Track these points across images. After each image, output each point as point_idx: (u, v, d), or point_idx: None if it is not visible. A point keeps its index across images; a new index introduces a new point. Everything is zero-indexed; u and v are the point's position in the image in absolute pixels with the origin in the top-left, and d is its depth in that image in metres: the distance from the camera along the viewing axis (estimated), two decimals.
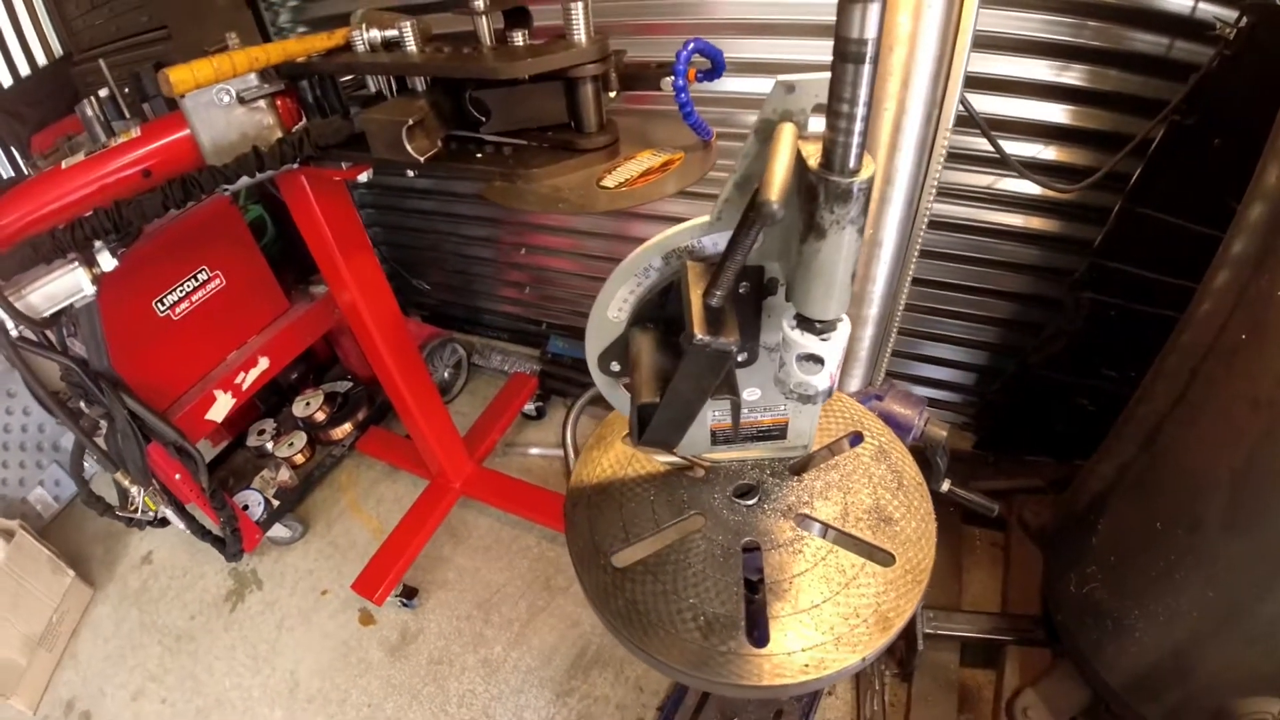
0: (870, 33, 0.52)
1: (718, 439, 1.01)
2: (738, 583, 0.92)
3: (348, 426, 2.71)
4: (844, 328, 0.73)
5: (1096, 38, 1.63)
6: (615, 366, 0.89)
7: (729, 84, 1.94)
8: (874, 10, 0.51)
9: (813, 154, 0.62)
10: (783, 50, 1.87)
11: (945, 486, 1.36)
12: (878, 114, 0.92)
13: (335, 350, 2.87)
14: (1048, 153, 1.84)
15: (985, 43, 1.70)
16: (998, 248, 2.04)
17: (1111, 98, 1.71)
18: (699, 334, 0.66)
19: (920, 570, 0.92)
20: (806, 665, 0.83)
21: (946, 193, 1.98)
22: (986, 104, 1.78)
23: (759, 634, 0.87)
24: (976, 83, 1.75)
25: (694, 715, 1.93)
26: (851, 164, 0.60)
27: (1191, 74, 1.52)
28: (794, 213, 0.66)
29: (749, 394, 0.92)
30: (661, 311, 0.83)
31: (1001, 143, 1.81)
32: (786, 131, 0.62)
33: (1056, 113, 1.77)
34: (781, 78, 0.64)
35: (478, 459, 2.54)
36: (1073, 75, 1.71)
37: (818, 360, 0.73)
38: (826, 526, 0.98)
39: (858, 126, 0.57)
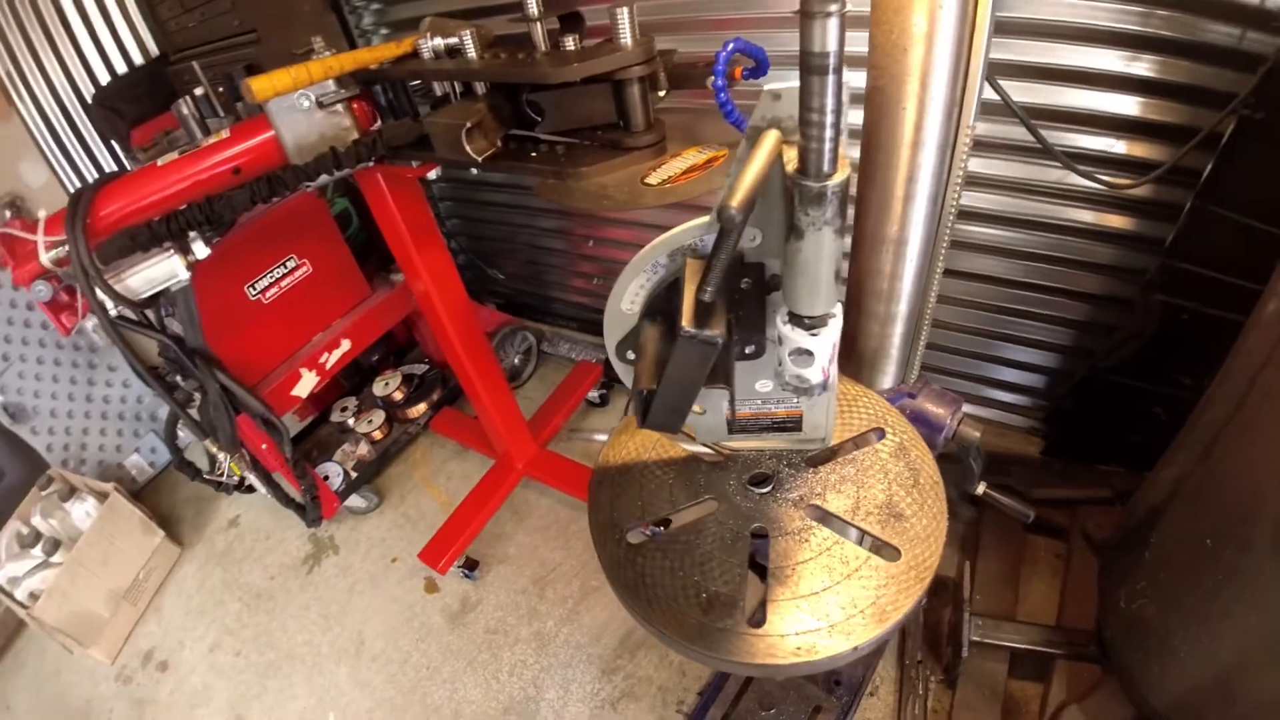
0: (831, 46, 0.56)
1: (735, 427, 1.05)
2: (742, 565, 0.97)
3: (423, 406, 2.88)
4: (835, 324, 0.76)
5: (1166, 27, 1.56)
6: (631, 355, 0.95)
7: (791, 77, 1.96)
8: (833, 25, 0.55)
9: (793, 159, 0.65)
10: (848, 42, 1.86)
11: (980, 489, 1.34)
12: (897, 115, 0.94)
13: (414, 334, 3.05)
14: (1119, 146, 1.77)
15: (1054, 32, 1.66)
16: (1070, 244, 1.97)
17: (1183, 90, 1.63)
18: (687, 326, 0.71)
19: (925, 568, 0.94)
20: (798, 649, 0.87)
21: (1016, 188, 1.93)
22: (1055, 96, 1.73)
23: (757, 615, 0.91)
24: (1044, 74, 1.71)
25: (733, 703, 1.98)
26: (825, 168, 0.63)
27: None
28: (781, 214, 0.70)
29: (760, 385, 0.96)
30: (668, 305, 0.88)
31: (1075, 136, 1.76)
32: (769, 139, 0.66)
33: (1128, 105, 1.70)
34: (769, 86, 0.68)
35: (541, 442, 2.65)
36: (1143, 66, 1.64)
37: (809, 354, 0.76)
38: (836, 518, 1.01)
39: (828, 134, 0.61)
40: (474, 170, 1.54)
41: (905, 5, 0.85)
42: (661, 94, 1.51)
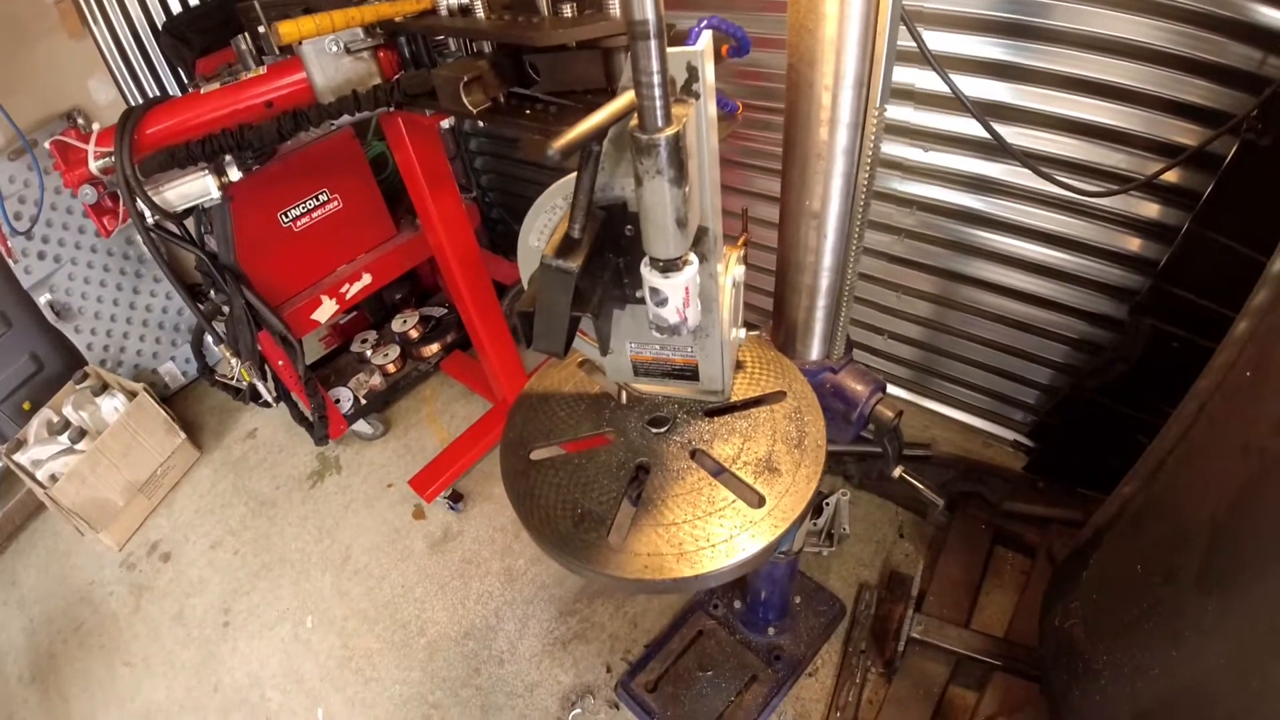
0: (649, 14, 0.64)
1: (639, 370, 1.14)
2: (619, 490, 1.06)
3: (435, 347, 3.05)
4: (689, 270, 0.84)
5: (1185, 44, 1.56)
6: None
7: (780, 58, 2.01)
8: None
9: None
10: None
11: (897, 472, 1.38)
12: (810, 93, 1.00)
13: (438, 279, 3.22)
14: (1128, 163, 1.76)
15: (1080, 41, 1.67)
16: (1069, 259, 1.97)
17: (1203, 111, 1.61)
18: (548, 255, 0.81)
19: (783, 518, 1.01)
20: (645, 567, 0.96)
21: (1024, 195, 1.94)
22: (1072, 108, 1.75)
23: (620, 534, 1.01)
24: (1066, 83, 1.72)
25: (675, 659, 2.07)
26: (659, 123, 0.71)
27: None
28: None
29: (655, 333, 1.05)
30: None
31: (1100, 150, 1.76)
32: (624, 97, 0.75)
33: (1141, 121, 1.69)
34: None
35: None
36: (1160, 82, 1.63)
37: (665, 295, 0.85)
38: (716, 463, 1.09)
39: (657, 92, 0.69)
40: (480, 123, 1.66)
41: None
42: None
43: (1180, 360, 1.79)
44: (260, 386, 2.22)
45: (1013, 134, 1.82)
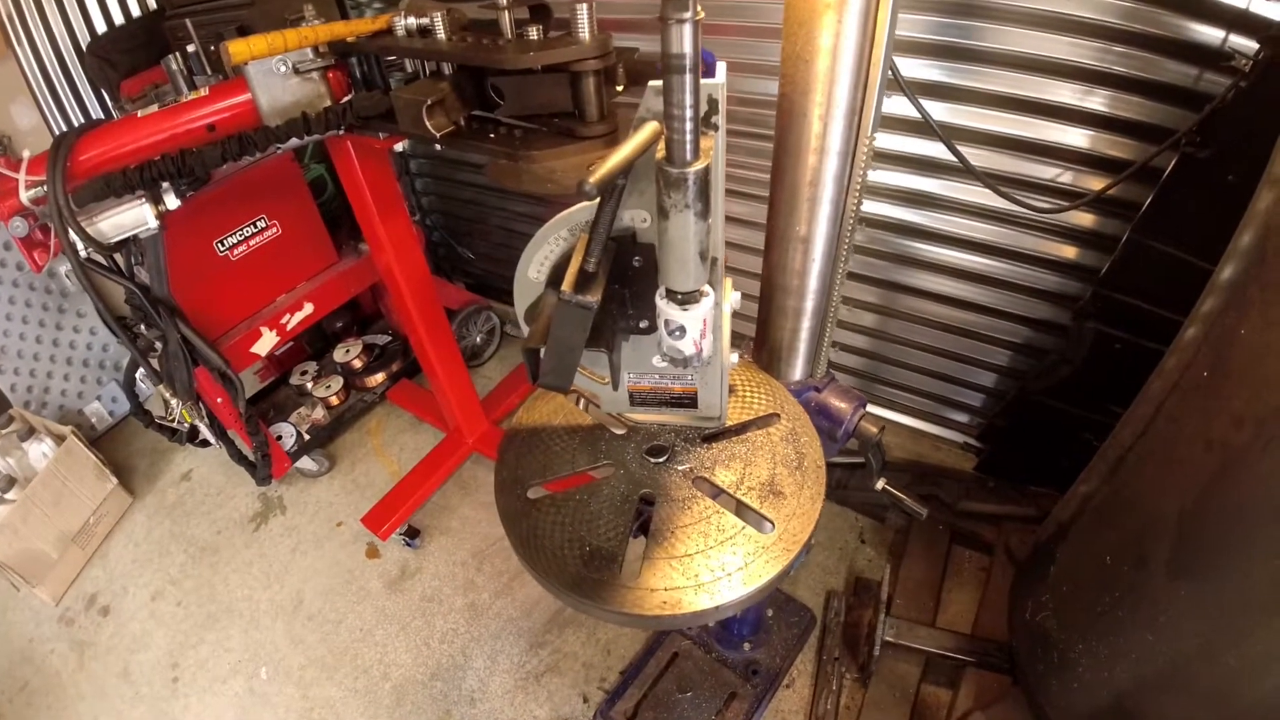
0: (687, 48, 0.63)
1: (636, 400, 1.12)
2: (626, 525, 1.04)
3: (381, 376, 2.93)
4: (706, 302, 0.83)
5: (1121, 63, 1.64)
6: None
7: (757, 85, 2.05)
8: (687, 30, 0.62)
9: (664, 149, 0.73)
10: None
11: (880, 484, 1.41)
12: (802, 122, 1.01)
13: (380, 305, 3.11)
14: (1065, 177, 1.85)
15: (1018, 63, 1.74)
16: (1012, 269, 2.06)
17: (1138, 126, 1.71)
18: (566, 290, 0.79)
19: (794, 541, 1.01)
20: (664, 603, 0.94)
21: (964, 209, 2.02)
22: (1020, 127, 1.83)
23: (633, 571, 0.98)
24: (1011, 104, 1.80)
25: (653, 683, 2.04)
26: (688, 156, 0.70)
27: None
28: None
29: (656, 360, 1.03)
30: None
31: (1036, 165, 1.85)
32: (647, 129, 0.73)
33: (1078, 138, 1.78)
34: (653, 83, 0.75)
35: (493, 419, 2.71)
36: (1097, 101, 1.72)
37: (682, 328, 0.84)
38: (720, 490, 1.08)
39: (688, 126, 0.68)
40: (438, 146, 1.61)
41: (809, 20, 0.93)
42: (620, 89, 1.58)
43: (1123, 361, 1.89)
44: (201, 426, 2.08)
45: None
